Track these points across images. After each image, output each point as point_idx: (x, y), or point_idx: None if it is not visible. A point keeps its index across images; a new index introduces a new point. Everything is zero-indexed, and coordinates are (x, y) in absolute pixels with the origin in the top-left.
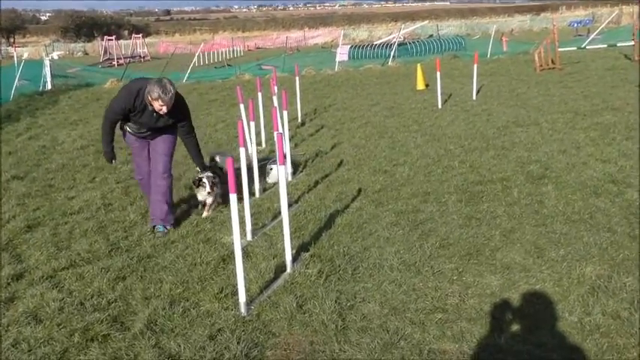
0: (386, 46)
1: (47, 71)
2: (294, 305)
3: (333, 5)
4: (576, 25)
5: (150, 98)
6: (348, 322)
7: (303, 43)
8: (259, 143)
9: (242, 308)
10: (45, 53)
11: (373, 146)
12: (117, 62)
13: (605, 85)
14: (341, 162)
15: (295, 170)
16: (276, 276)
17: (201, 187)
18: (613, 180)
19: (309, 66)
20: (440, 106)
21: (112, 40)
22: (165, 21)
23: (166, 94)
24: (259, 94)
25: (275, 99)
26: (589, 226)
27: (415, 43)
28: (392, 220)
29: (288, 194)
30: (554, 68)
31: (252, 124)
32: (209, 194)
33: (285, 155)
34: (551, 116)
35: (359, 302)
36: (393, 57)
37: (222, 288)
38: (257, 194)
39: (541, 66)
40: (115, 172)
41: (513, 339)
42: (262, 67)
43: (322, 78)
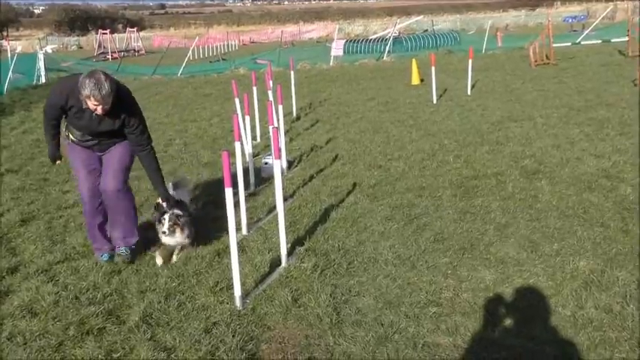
0: (381, 41)
1: (41, 65)
2: (289, 299)
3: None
4: (571, 21)
5: (81, 96)
6: (343, 316)
7: (298, 38)
8: (254, 137)
9: (237, 302)
10: (39, 47)
11: (368, 141)
12: (111, 56)
13: (599, 81)
14: (336, 156)
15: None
16: (271, 270)
17: (160, 225)
18: (607, 175)
19: (304, 60)
20: (435, 101)
21: (107, 34)
22: (159, 15)
23: (100, 91)
24: (254, 89)
25: (270, 93)
26: (582, 221)
27: (410, 38)
28: (387, 215)
29: (283, 188)
30: (548, 63)
31: (247, 119)
32: (167, 236)
33: (280, 149)
34: (545, 111)
35: (354, 296)
36: (388, 52)
37: (217, 282)
38: (252, 188)
39: (536, 61)
40: None
41: (507, 333)
42: (257, 62)
43: (317, 72)
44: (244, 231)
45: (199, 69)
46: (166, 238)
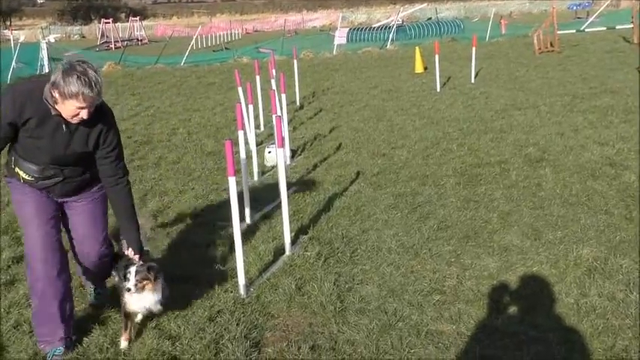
0: (384, 29)
1: (44, 54)
2: (293, 287)
3: None
4: (575, 8)
5: (61, 96)
6: (347, 304)
7: (301, 26)
8: (258, 126)
9: (241, 290)
10: (42, 36)
11: (372, 129)
12: (114, 45)
13: (603, 68)
14: (339, 145)
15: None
16: (275, 258)
17: (125, 282)
18: (610, 163)
19: (307, 49)
20: (438, 90)
21: (109, 23)
22: (162, 3)
23: (92, 86)
24: (257, 78)
25: (273, 82)
26: (586, 209)
27: (414, 26)
28: (390, 203)
29: (286, 177)
30: (552, 51)
31: (250, 108)
32: (134, 294)
33: (283, 138)
34: (549, 99)
35: (357, 284)
36: (392, 40)
37: (221, 270)
38: (255, 177)
39: (540, 49)
40: None
41: (510, 320)
42: (260, 51)
43: (320, 61)
44: (248, 220)
45: (202, 58)
46: (132, 299)
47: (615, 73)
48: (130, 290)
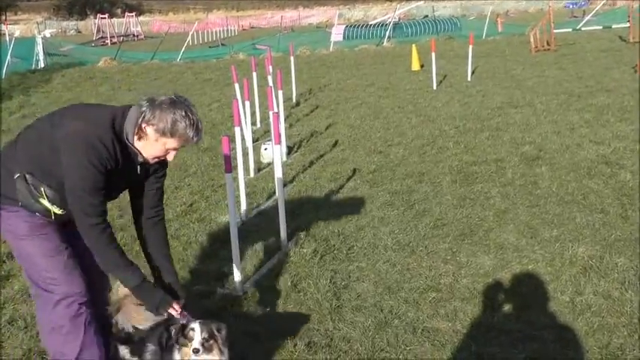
0: (381, 27)
1: (40, 49)
2: (288, 284)
3: None
4: (572, 7)
5: (157, 132)
6: (343, 301)
7: (297, 23)
8: (254, 123)
9: (237, 287)
10: (37, 31)
11: (368, 127)
12: (110, 41)
13: (599, 67)
14: (336, 142)
15: None
16: (271, 255)
17: (181, 340)
18: (606, 161)
19: (303, 46)
20: (435, 87)
21: (105, 19)
22: None
23: (198, 133)
24: (254, 74)
25: (270, 79)
26: (582, 207)
27: (410, 24)
28: (386, 201)
29: (282, 174)
30: (549, 49)
31: (247, 104)
32: (201, 355)
33: (280, 135)
34: (545, 97)
35: (353, 281)
36: (388, 37)
37: (217, 267)
38: (252, 174)
39: (536, 47)
40: None
41: (505, 318)
42: (257, 47)
43: (317, 58)
44: (244, 216)
45: (199, 54)
46: None
47: (611, 72)
48: (198, 351)
